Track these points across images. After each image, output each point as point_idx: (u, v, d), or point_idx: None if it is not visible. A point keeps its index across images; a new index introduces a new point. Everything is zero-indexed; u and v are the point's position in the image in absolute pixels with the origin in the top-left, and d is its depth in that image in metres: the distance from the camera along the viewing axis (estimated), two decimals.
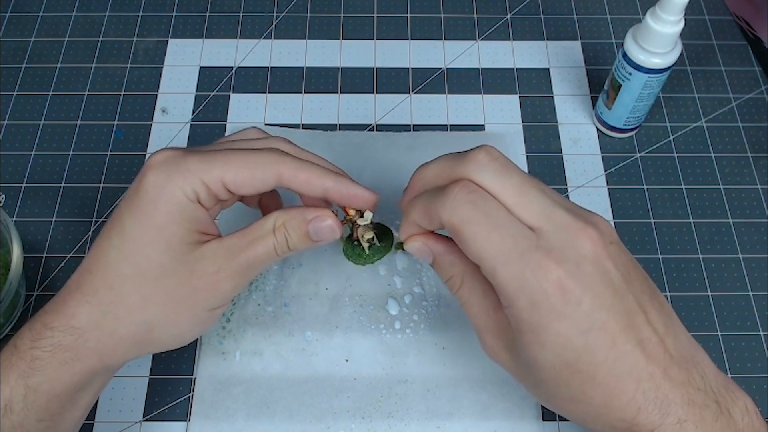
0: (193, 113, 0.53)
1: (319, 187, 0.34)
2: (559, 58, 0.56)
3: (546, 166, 0.50)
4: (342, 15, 0.58)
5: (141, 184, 0.32)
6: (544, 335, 0.29)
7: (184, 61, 0.55)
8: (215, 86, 0.54)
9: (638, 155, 0.51)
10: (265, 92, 0.54)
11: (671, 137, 0.52)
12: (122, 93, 0.54)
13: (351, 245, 0.37)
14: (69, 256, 0.46)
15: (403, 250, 0.35)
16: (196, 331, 0.35)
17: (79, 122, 0.52)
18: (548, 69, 0.55)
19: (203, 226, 0.33)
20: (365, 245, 0.36)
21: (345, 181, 0.34)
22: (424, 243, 0.34)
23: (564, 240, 0.29)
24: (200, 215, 0.33)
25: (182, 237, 0.32)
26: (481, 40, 0.57)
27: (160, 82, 0.54)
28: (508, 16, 0.58)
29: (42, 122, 0.52)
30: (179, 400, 0.42)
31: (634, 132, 0.52)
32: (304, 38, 0.57)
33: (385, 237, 0.37)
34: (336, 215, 0.34)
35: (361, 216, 0.35)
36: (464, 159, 0.31)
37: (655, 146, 0.52)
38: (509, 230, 0.29)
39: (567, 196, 0.49)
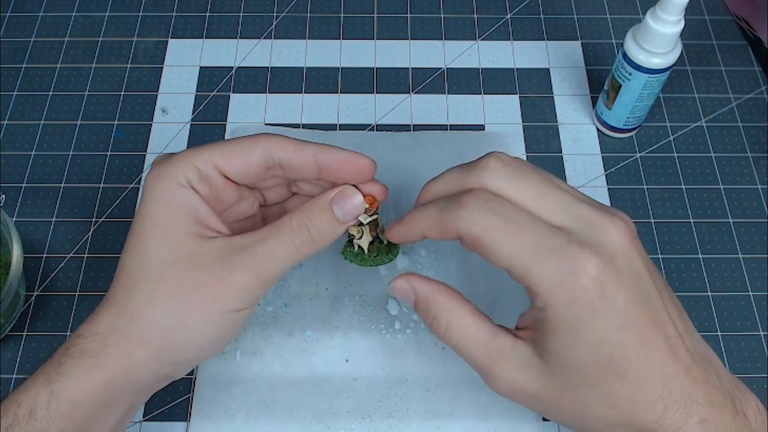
0: (193, 113, 0.53)
1: (309, 152, 0.33)
2: (559, 58, 0.56)
3: (546, 166, 0.50)
4: (342, 15, 0.58)
5: (143, 188, 0.33)
6: (582, 332, 0.28)
7: (184, 61, 0.55)
8: (215, 86, 0.54)
9: (638, 155, 0.51)
10: (265, 92, 0.54)
11: (671, 137, 0.52)
12: (122, 93, 0.54)
13: (351, 248, 0.37)
14: (69, 256, 0.46)
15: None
16: (214, 336, 0.33)
17: (79, 122, 0.52)
18: (548, 69, 0.55)
19: (203, 217, 0.33)
20: (365, 247, 0.36)
21: (338, 148, 0.33)
22: (407, 281, 0.33)
23: (593, 235, 0.28)
24: (196, 203, 0.32)
25: (179, 226, 0.32)
26: (481, 40, 0.57)
27: (160, 82, 0.54)
28: (508, 16, 0.58)
29: (42, 122, 0.52)
30: (179, 400, 0.42)
31: (634, 132, 0.52)
32: (304, 38, 0.57)
33: (393, 247, 0.37)
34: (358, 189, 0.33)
35: (371, 215, 0.34)
36: (475, 168, 0.30)
37: (655, 146, 0.52)
38: (536, 230, 0.29)
39: None
